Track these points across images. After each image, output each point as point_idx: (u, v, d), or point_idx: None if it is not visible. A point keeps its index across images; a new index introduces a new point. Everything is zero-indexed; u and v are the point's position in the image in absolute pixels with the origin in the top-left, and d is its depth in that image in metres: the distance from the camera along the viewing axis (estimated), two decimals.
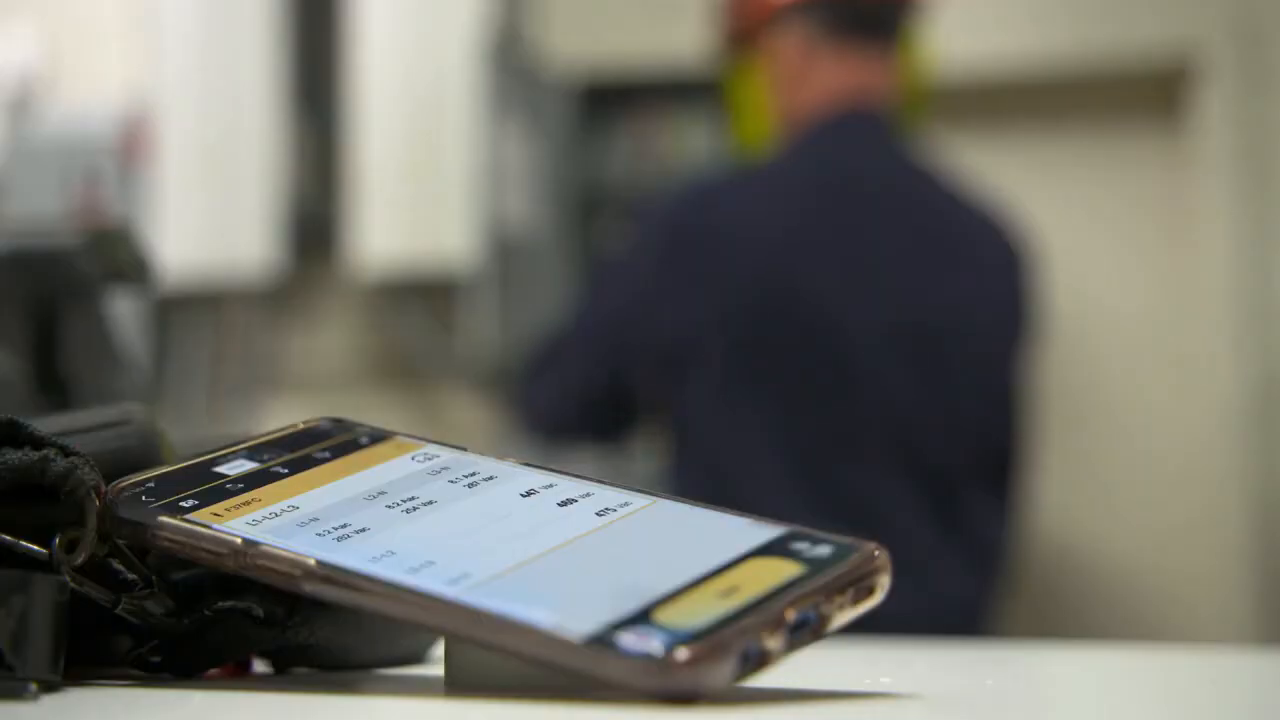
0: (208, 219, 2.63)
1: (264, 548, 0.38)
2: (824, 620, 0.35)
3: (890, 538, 1.50)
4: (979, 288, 1.58)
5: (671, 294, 1.54)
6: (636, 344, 1.57)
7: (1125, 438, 2.57)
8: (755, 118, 1.73)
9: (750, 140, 1.77)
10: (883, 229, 1.56)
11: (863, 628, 1.24)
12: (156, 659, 0.42)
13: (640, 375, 1.58)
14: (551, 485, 0.41)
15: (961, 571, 1.52)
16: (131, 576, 0.40)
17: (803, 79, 1.63)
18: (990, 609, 1.56)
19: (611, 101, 2.69)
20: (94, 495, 0.39)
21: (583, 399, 1.64)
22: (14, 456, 0.39)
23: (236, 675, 0.44)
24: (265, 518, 0.40)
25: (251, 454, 0.43)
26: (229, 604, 0.41)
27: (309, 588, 0.37)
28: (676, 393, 1.54)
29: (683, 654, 0.32)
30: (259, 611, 0.41)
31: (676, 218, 1.58)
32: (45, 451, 0.39)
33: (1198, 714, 0.39)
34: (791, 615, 0.34)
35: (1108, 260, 2.57)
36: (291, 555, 0.38)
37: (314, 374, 2.71)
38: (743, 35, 1.70)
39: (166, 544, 0.39)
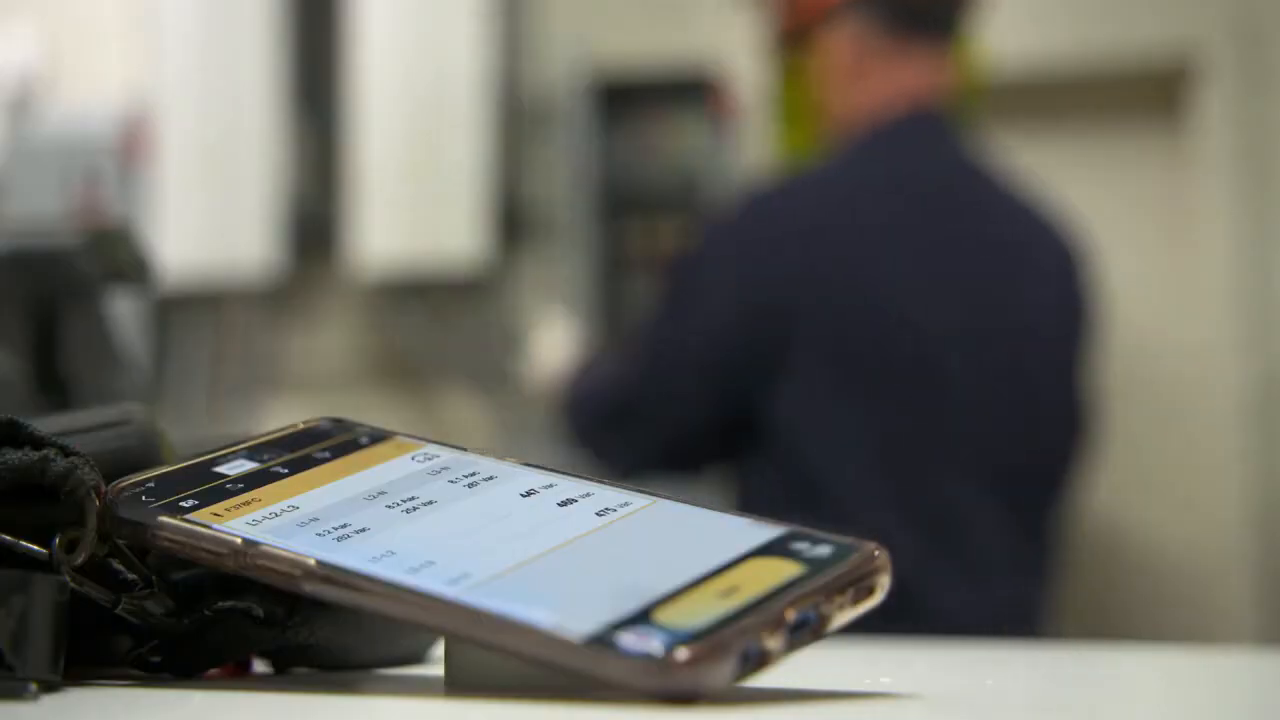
0: (208, 219, 2.63)
1: (264, 548, 0.38)
2: (824, 620, 0.35)
3: (972, 542, 1.52)
4: (1043, 291, 1.58)
5: (752, 301, 1.51)
6: (732, 360, 1.52)
7: (1124, 437, 2.57)
8: (806, 118, 1.70)
9: (799, 142, 1.75)
10: (953, 233, 1.55)
11: (940, 629, 1.25)
12: (156, 659, 0.42)
13: (742, 387, 1.52)
14: (551, 485, 0.41)
15: (1034, 574, 1.53)
16: (131, 576, 0.40)
17: (859, 78, 1.60)
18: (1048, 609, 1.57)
19: (612, 101, 2.68)
20: (94, 495, 0.39)
21: (690, 437, 1.58)
22: (14, 456, 0.39)
23: (236, 675, 0.44)
24: (265, 518, 0.40)
25: (251, 454, 0.43)
26: (229, 604, 0.41)
27: (309, 588, 0.37)
28: (763, 401, 1.51)
29: (683, 654, 0.32)
30: (259, 611, 0.41)
31: (747, 225, 1.55)
32: (45, 451, 0.39)
33: (1198, 714, 0.39)
34: (791, 615, 0.34)
35: (1107, 260, 2.56)
36: (291, 555, 0.38)
37: (314, 374, 2.72)
38: (795, 34, 1.67)
39: (166, 544, 0.39)
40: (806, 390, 1.49)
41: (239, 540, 0.38)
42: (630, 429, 1.62)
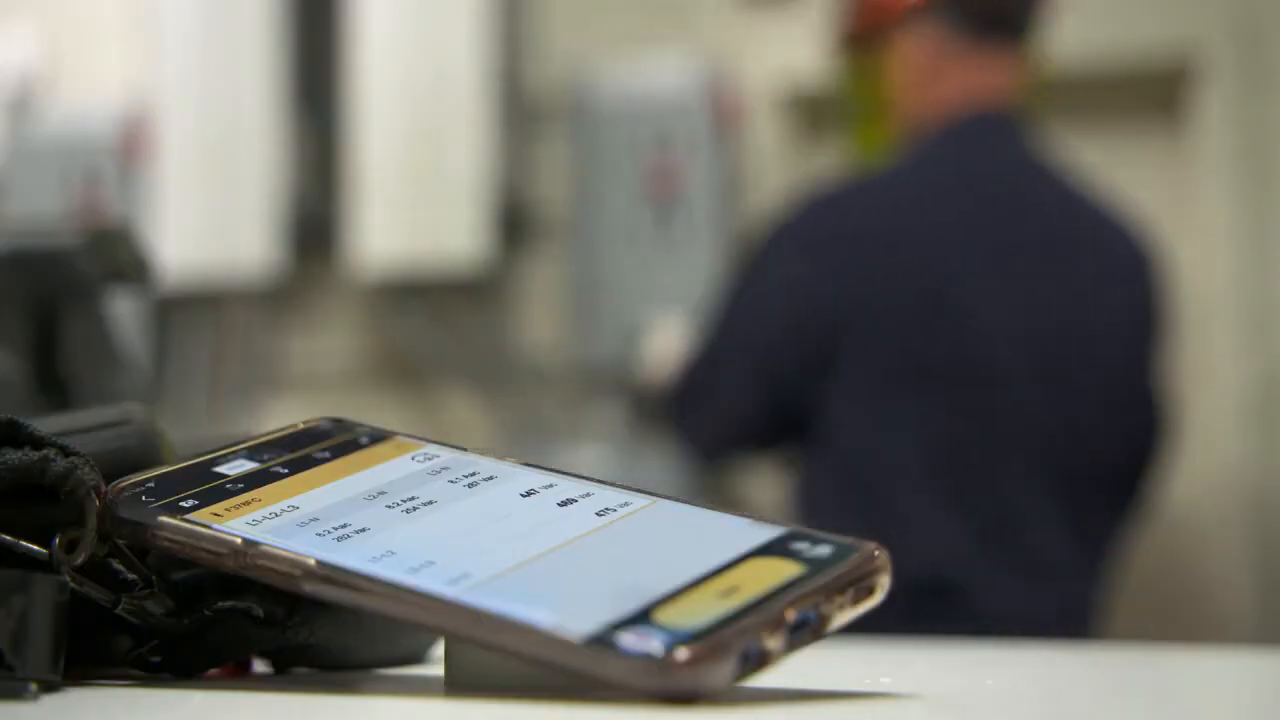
0: (208, 219, 2.63)
1: (264, 548, 0.38)
2: (824, 620, 0.35)
3: (1026, 544, 1.53)
4: (1110, 292, 1.57)
5: (815, 302, 1.53)
6: (784, 359, 1.55)
7: None
8: (877, 120, 1.72)
9: (871, 143, 1.76)
10: (1019, 233, 1.55)
11: (990, 630, 1.23)
12: (156, 659, 0.42)
13: (792, 387, 1.55)
14: (551, 485, 0.41)
15: (1090, 577, 1.54)
16: (131, 576, 0.40)
17: (933, 80, 1.61)
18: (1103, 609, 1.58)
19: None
20: (94, 495, 0.39)
21: (736, 426, 1.63)
22: (14, 456, 0.39)
23: (236, 675, 0.44)
24: (265, 518, 0.40)
25: (251, 454, 0.43)
26: (229, 604, 0.41)
27: (309, 588, 0.37)
28: (821, 398, 1.53)
29: (683, 654, 0.32)
30: (259, 611, 0.41)
31: (813, 225, 1.57)
32: (45, 451, 0.39)
33: (1198, 714, 0.39)
34: (791, 615, 0.34)
35: None
36: (291, 555, 0.38)
37: (314, 374, 2.72)
38: (867, 36, 1.68)
39: (166, 544, 0.39)
40: (865, 389, 1.51)
41: (239, 540, 0.38)
42: (695, 414, 1.67)
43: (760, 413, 1.59)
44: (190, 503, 0.40)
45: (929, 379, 1.50)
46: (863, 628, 0.39)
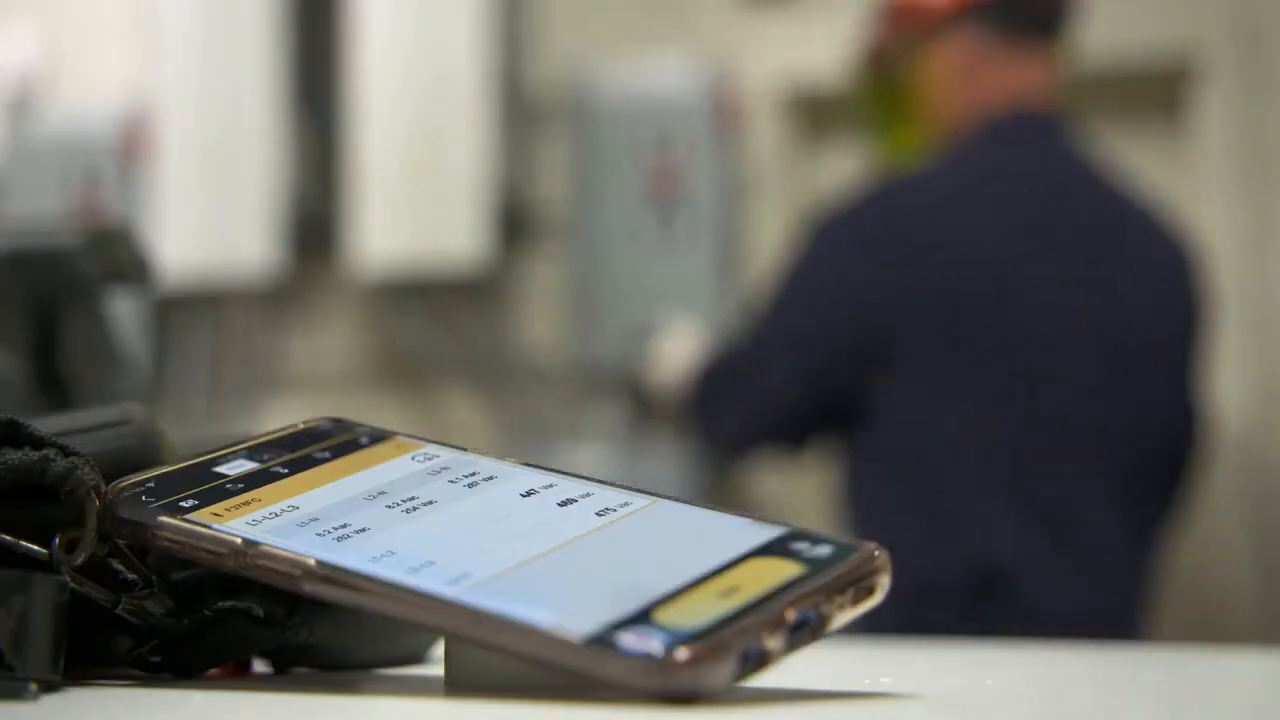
0: (208, 219, 2.63)
1: (264, 548, 0.38)
2: (824, 620, 0.35)
3: (1083, 538, 1.53)
4: (1152, 290, 1.58)
5: (866, 298, 1.54)
6: (832, 352, 1.56)
7: None
8: (906, 124, 1.72)
9: (899, 147, 1.76)
10: (1063, 230, 1.56)
11: (1045, 626, 1.21)
12: (156, 659, 0.42)
13: (837, 383, 1.56)
14: (551, 485, 0.41)
15: (1139, 572, 1.54)
16: (131, 576, 0.40)
17: (970, 83, 1.62)
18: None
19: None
20: (94, 495, 0.39)
21: (773, 418, 1.63)
22: (14, 456, 0.39)
23: (236, 675, 0.44)
24: (265, 518, 0.40)
25: (251, 454, 0.43)
26: (229, 604, 0.41)
27: (309, 588, 0.37)
28: (870, 394, 1.53)
29: (683, 654, 0.32)
30: (259, 611, 0.41)
31: (862, 222, 1.57)
32: (45, 451, 0.39)
33: (1197, 714, 0.39)
34: (791, 615, 0.34)
35: None
36: (291, 555, 0.38)
37: (314, 374, 2.72)
38: (904, 42, 1.70)
39: (166, 544, 0.39)
40: (915, 386, 1.51)
41: (239, 540, 0.38)
42: (726, 408, 1.67)
43: (798, 409, 1.60)
44: (190, 503, 0.40)
45: (979, 376, 1.50)
46: (917, 623, 0.39)
